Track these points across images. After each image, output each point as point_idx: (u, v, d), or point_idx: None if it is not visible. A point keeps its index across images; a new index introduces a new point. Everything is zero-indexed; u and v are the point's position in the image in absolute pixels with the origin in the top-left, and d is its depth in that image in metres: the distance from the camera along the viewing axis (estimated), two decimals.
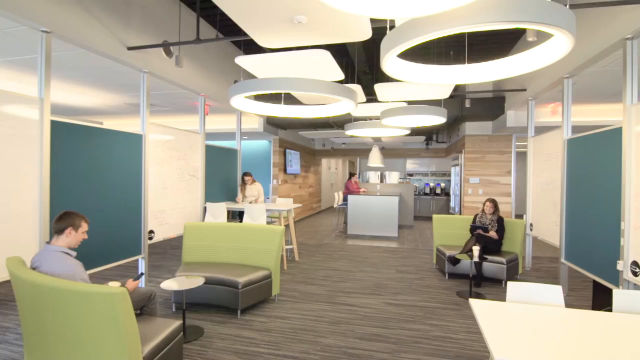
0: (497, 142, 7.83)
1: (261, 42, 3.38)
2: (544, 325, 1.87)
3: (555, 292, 2.20)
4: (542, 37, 2.71)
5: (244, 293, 3.46)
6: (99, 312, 1.91)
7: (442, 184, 12.22)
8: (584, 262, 3.85)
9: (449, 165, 12.09)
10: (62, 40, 3.30)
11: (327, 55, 3.60)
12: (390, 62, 2.74)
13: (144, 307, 2.66)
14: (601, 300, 3.64)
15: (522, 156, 11.03)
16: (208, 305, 3.70)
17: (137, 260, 4.28)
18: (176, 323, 2.50)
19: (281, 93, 5.73)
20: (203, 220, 5.34)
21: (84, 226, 2.40)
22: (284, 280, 4.67)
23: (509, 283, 2.25)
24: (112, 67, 4.29)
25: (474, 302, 2.12)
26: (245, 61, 3.79)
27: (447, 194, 11.82)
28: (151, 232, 4.42)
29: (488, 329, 1.81)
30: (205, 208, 5.43)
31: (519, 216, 6.37)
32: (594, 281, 3.75)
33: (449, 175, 12.17)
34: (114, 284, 2.55)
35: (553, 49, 2.40)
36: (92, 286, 1.95)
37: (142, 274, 2.77)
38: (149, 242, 4.37)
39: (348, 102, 3.91)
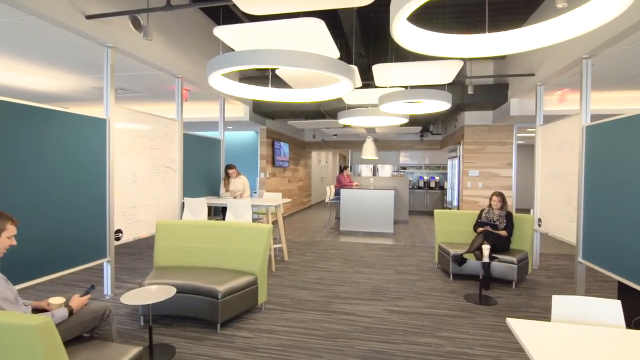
0: (498, 132, 7.43)
1: (243, 6, 2.84)
2: (606, 354, 1.43)
3: (612, 309, 1.75)
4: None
5: (224, 303, 2.95)
6: (12, 351, 1.39)
7: (437, 177, 11.84)
8: (607, 263, 3.45)
9: (443, 157, 11.70)
10: None
11: (320, 25, 3.08)
12: (401, 25, 2.23)
13: (95, 328, 2.13)
14: (629, 305, 3.24)
15: (522, 148, 10.73)
16: (182, 318, 3.18)
17: (102, 265, 3.73)
18: (135, 350, 1.98)
19: (268, 75, 5.19)
20: (181, 217, 4.79)
21: (10, 229, 1.86)
22: (271, 284, 4.17)
23: (554, 298, 1.79)
24: (70, 40, 3.68)
25: (514, 323, 1.66)
26: (224, 32, 3.24)
27: (442, 188, 11.45)
28: (118, 231, 3.86)
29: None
30: (183, 204, 4.88)
31: (520, 210, 6.01)
32: (619, 283, 3.35)
33: (444, 168, 11.78)
34: (56, 300, 2.02)
35: (605, 4, 1.93)
36: (2, 315, 1.42)
37: (92, 286, 2.23)
38: (116, 243, 3.82)
39: (346, 83, 3.41)
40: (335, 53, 3.63)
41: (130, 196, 4.03)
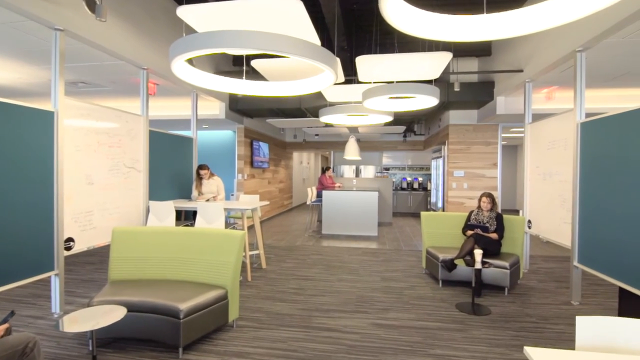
0: (483, 132, 7.27)
1: None
2: None
3: None
4: None
5: (187, 324, 2.54)
6: None
7: (420, 179, 11.67)
8: (607, 267, 3.23)
9: (426, 158, 11.55)
10: None
11: (298, 6, 2.74)
12: (392, 1, 1.91)
13: None
14: (632, 312, 3.02)
15: (505, 149, 10.66)
16: (139, 340, 2.75)
17: (49, 278, 3.25)
18: None
19: (246, 70, 4.80)
20: (146, 223, 4.33)
21: None
22: (246, 296, 3.78)
23: (578, 320, 1.49)
24: (12, 21, 3.21)
25: (533, 353, 1.35)
26: (188, 13, 2.85)
27: (425, 189, 11.28)
28: (69, 240, 3.39)
29: None
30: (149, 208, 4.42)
31: (505, 211, 5.82)
32: (620, 289, 3.14)
33: (427, 169, 11.64)
34: None
35: None
36: None
37: (12, 313, 1.80)
38: (67, 253, 3.35)
39: (328, 73, 3.08)
40: (316, 41, 3.29)
41: (84, 200, 3.56)
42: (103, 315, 2.26)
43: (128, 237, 3.16)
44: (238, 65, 6.58)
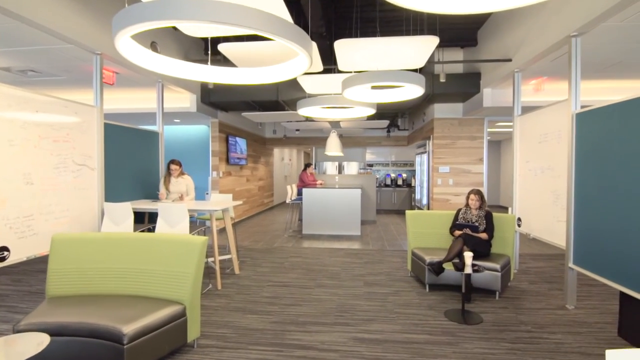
0: (469, 126, 7.02)
1: None
2: None
3: None
4: None
5: (133, 350, 2.14)
6: None
7: (404, 175, 11.42)
8: (606, 269, 2.97)
9: (410, 154, 11.31)
10: None
11: None
12: None
13: None
14: (635, 320, 2.78)
15: (490, 144, 10.51)
16: None
17: None
18: None
19: (218, 59, 4.38)
20: (100, 227, 3.86)
21: None
22: (214, 307, 3.39)
23: (608, 355, 1.18)
24: None
25: None
26: None
27: (410, 186, 11.05)
28: (3, 249, 2.91)
29: None
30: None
31: (490, 207, 5.60)
32: (621, 293, 2.89)
33: (411, 165, 11.40)
34: None
35: None
36: None
37: None
38: (0, 264, 2.88)
39: (302, 57, 2.71)
40: (288, 20, 2.90)
41: (22, 202, 3.08)
42: (22, 346, 1.84)
43: (70, 246, 2.71)
44: (211, 54, 6.11)
